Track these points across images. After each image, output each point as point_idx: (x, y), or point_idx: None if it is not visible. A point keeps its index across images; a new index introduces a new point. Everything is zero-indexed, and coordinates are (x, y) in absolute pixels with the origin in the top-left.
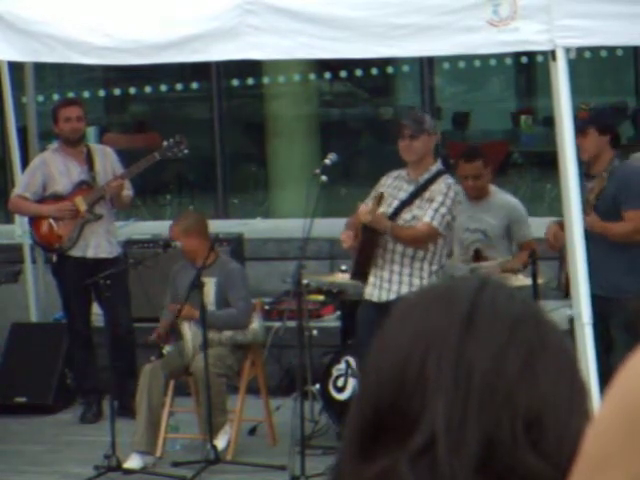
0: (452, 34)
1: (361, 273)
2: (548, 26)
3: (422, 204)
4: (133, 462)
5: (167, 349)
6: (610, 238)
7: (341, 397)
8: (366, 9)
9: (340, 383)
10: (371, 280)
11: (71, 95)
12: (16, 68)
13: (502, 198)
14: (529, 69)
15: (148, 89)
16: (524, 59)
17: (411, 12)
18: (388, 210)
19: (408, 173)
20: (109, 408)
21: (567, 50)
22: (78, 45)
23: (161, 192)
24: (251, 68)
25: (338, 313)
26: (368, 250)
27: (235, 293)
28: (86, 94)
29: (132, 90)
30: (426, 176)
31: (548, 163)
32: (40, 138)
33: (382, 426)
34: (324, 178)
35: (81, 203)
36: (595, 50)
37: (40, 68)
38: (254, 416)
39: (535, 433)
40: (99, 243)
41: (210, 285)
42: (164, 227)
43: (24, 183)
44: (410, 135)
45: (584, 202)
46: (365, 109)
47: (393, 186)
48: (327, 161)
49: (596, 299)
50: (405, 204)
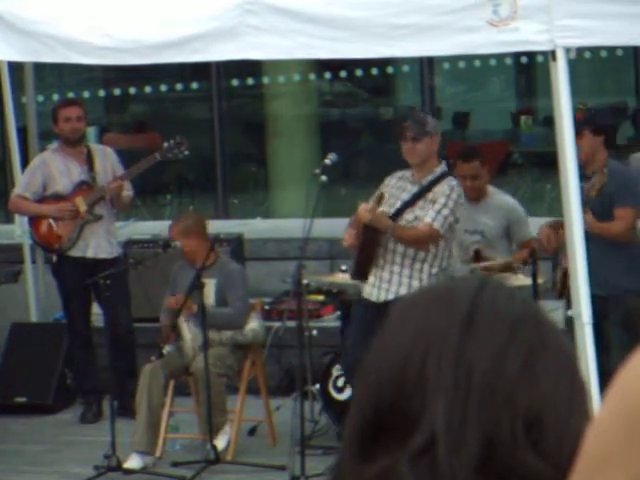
0: (452, 34)
1: (362, 273)
2: (548, 26)
3: (425, 205)
4: (133, 462)
5: (167, 349)
6: (609, 239)
7: (341, 397)
8: (366, 9)
9: (340, 383)
10: (371, 280)
11: (71, 95)
12: (16, 68)
13: (500, 199)
14: (529, 69)
15: (148, 89)
16: (524, 59)
17: (411, 12)
18: (390, 210)
19: (412, 174)
20: (109, 408)
21: (567, 50)
22: (78, 45)
23: (161, 192)
24: (251, 68)
25: (338, 313)
26: (369, 250)
27: (233, 293)
28: (86, 94)
29: (132, 90)
30: (430, 178)
31: (548, 163)
32: (40, 138)
33: (382, 426)
34: (324, 178)
35: (81, 203)
36: (595, 50)
37: (40, 68)
38: (254, 416)
39: (535, 433)
40: (99, 243)
41: (210, 286)
42: (164, 227)
43: (24, 183)
44: (412, 137)
45: (583, 202)
46: (365, 109)
47: (397, 186)
48: (327, 161)
49: (595, 299)
50: (407, 205)
